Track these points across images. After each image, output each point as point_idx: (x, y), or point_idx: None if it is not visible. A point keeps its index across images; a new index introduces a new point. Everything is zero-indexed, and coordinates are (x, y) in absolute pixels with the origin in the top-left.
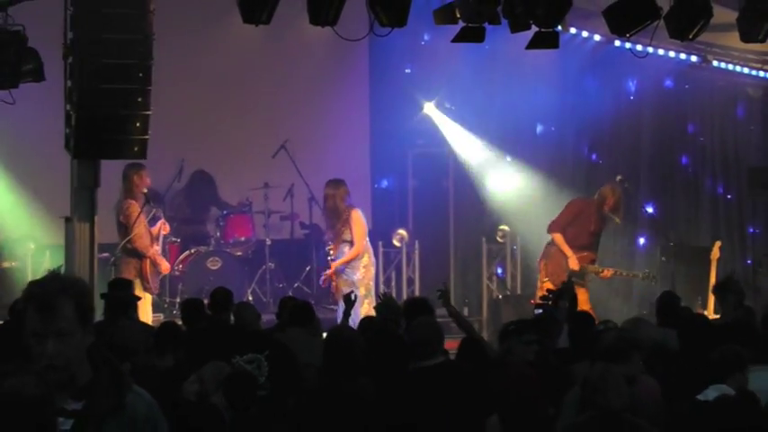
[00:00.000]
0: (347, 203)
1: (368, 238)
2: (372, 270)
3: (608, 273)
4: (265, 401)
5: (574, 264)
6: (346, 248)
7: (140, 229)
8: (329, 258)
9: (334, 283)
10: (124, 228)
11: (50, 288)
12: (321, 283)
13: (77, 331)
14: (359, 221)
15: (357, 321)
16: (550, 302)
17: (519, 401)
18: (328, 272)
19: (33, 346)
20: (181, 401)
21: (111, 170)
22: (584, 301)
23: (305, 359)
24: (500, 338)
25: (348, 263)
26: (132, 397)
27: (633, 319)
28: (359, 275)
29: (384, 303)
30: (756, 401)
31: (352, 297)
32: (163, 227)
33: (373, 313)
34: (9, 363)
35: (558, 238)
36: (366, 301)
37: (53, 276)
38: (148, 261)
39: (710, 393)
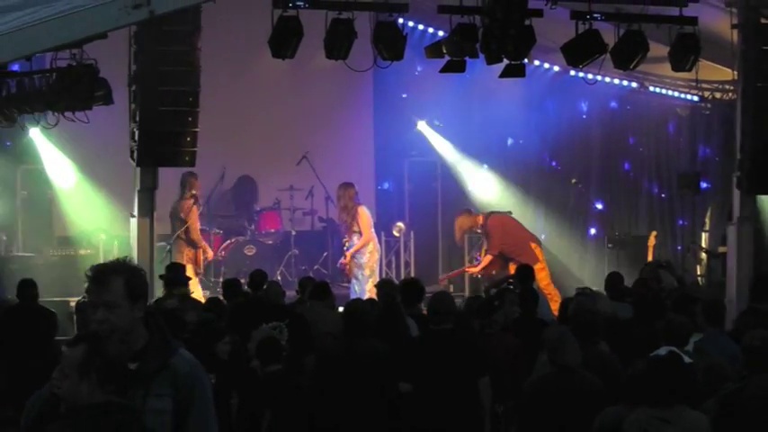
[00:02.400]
0: (355, 201)
1: (373, 229)
2: (377, 255)
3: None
4: (287, 359)
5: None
6: (355, 238)
7: (196, 224)
8: (345, 248)
9: (347, 266)
10: (184, 222)
11: (105, 267)
12: (339, 266)
13: (124, 305)
14: (364, 215)
15: (365, 295)
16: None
17: (505, 364)
18: (344, 260)
19: (90, 313)
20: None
21: (166, 176)
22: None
23: (323, 327)
24: (484, 312)
25: (359, 249)
26: (177, 358)
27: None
28: (365, 259)
29: (383, 282)
30: (680, 358)
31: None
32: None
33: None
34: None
35: None
36: (370, 279)
37: (113, 260)
38: (201, 250)
39: (662, 352)
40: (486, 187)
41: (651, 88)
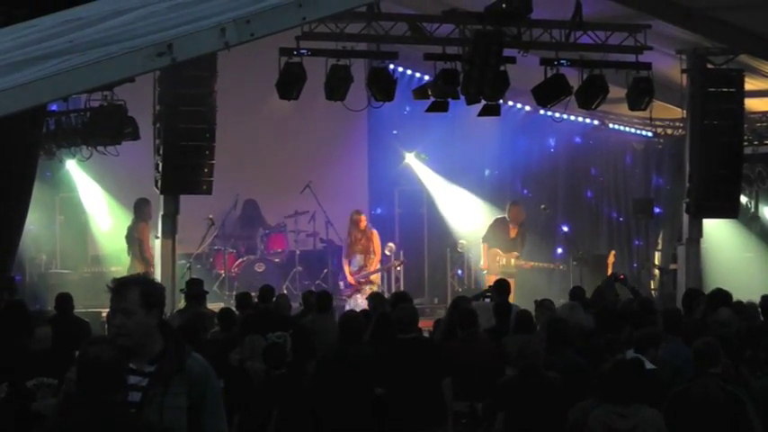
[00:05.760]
0: (369, 226)
1: None
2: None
3: (529, 264)
4: (291, 365)
5: (508, 262)
6: (365, 257)
7: (148, 243)
8: (360, 266)
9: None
10: (138, 241)
11: (124, 279)
12: (359, 279)
13: (140, 312)
14: (377, 239)
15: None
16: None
17: (483, 366)
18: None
19: (110, 318)
20: (226, 366)
21: (187, 203)
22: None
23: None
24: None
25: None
26: (191, 361)
27: (568, 304)
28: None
29: (374, 295)
30: (640, 362)
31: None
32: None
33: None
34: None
35: (485, 246)
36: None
37: (132, 274)
38: (151, 267)
39: (627, 356)
40: (465, 211)
41: (611, 125)
